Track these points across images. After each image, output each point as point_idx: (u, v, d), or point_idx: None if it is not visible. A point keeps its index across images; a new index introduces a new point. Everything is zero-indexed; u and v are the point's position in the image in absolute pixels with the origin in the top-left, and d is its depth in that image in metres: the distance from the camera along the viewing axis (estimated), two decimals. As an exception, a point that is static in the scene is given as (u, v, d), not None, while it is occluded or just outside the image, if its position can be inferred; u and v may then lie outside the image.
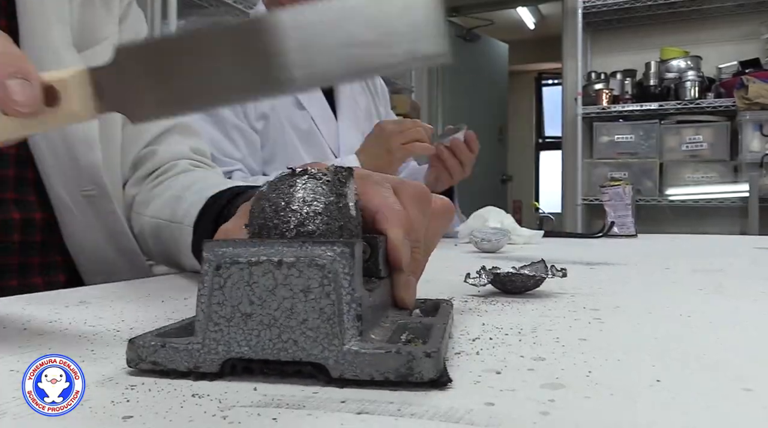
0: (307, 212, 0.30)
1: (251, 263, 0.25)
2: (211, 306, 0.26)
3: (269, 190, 0.31)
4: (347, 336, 0.25)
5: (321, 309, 0.25)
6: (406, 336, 0.29)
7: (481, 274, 0.49)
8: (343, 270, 0.25)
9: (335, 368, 0.25)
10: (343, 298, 0.25)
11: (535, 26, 6.15)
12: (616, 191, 1.40)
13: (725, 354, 0.31)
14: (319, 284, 0.25)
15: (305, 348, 0.25)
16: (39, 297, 0.49)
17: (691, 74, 3.39)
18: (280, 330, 0.25)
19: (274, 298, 0.25)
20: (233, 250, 0.26)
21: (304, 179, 0.31)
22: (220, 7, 2.53)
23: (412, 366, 0.24)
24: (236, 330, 0.25)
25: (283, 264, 0.25)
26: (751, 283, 0.61)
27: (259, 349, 0.25)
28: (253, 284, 0.25)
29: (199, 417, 0.22)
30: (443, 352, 0.26)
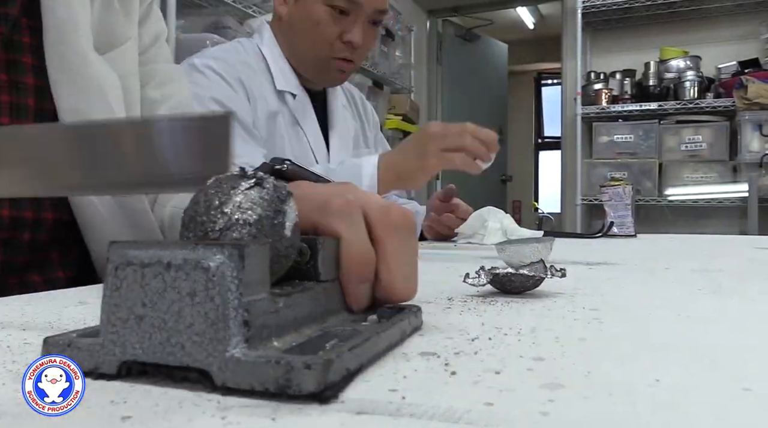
0: (237, 218, 0.29)
1: (143, 264, 0.25)
2: (111, 307, 0.26)
3: (212, 184, 0.30)
4: (232, 343, 0.24)
5: (206, 314, 0.24)
6: (332, 343, 0.27)
7: (480, 274, 0.49)
8: (230, 274, 0.24)
9: (218, 375, 0.24)
10: (229, 303, 0.24)
11: (534, 26, 6.15)
12: (615, 191, 1.40)
13: (725, 354, 0.31)
14: (203, 288, 0.24)
15: (191, 353, 0.24)
16: (38, 297, 0.49)
17: (691, 74, 3.40)
18: (169, 334, 0.25)
19: (164, 301, 0.25)
20: (133, 252, 0.26)
21: (249, 184, 0.30)
22: (219, 7, 2.53)
23: (290, 377, 0.23)
24: (131, 332, 0.25)
25: (171, 267, 0.25)
26: (750, 283, 0.61)
27: (151, 352, 0.25)
28: (146, 285, 0.25)
29: (198, 418, 0.22)
30: (345, 363, 0.25)
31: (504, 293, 0.50)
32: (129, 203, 0.66)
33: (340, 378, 0.24)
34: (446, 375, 0.26)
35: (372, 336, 0.28)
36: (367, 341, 0.27)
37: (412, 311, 0.35)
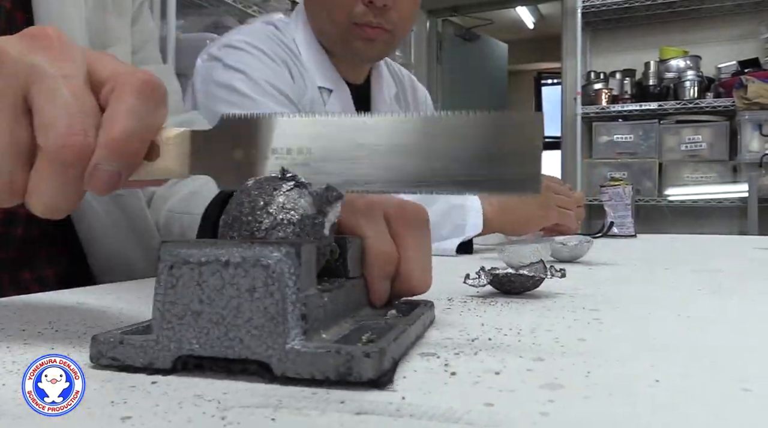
0: (282, 218, 0.30)
1: (200, 263, 0.26)
2: (165, 305, 0.27)
3: (254, 186, 0.32)
4: (291, 335, 0.25)
5: (265, 308, 0.26)
6: (368, 336, 0.29)
7: (481, 275, 0.50)
8: (288, 270, 0.26)
9: (278, 366, 0.25)
10: (288, 298, 0.26)
11: (534, 26, 6.15)
12: (615, 191, 1.40)
13: (724, 354, 0.31)
14: (263, 284, 0.26)
15: (250, 347, 0.26)
16: (38, 298, 0.49)
17: (691, 74, 3.40)
18: (227, 329, 0.26)
19: (221, 297, 0.26)
20: (186, 251, 0.27)
21: (290, 185, 0.31)
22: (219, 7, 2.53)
23: (351, 365, 0.24)
24: (187, 328, 0.26)
25: (230, 264, 0.26)
26: (750, 283, 0.61)
27: (208, 347, 0.26)
28: (203, 283, 0.26)
29: (198, 418, 0.22)
30: (392, 352, 0.26)
31: (504, 293, 0.50)
32: (127, 203, 0.66)
33: (390, 366, 0.26)
34: (446, 376, 0.26)
35: (406, 328, 0.30)
36: (405, 332, 0.30)
37: (427, 305, 0.37)
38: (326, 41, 1.11)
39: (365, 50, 1.08)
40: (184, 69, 2.11)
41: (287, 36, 1.12)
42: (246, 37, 1.07)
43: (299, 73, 1.09)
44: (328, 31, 1.09)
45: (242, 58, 1.03)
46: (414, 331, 0.32)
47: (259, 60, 1.04)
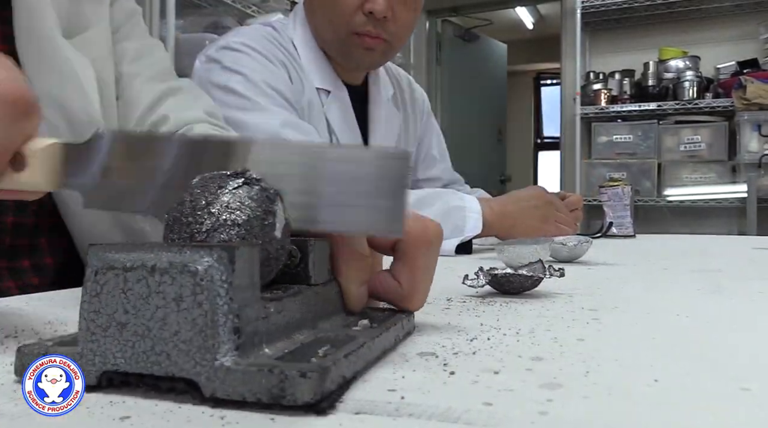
0: (226, 219, 0.28)
1: (125, 268, 0.24)
2: (90, 314, 0.24)
3: (198, 183, 0.29)
4: (222, 351, 0.23)
5: (193, 320, 0.23)
6: (325, 349, 0.26)
7: (479, 275, 0.50)
8: (219, 278, 0.23)
9: (207, 386, 0.22)
10: (219, 309, 0.23)
11: (533, 26, 6.15)
12: (614, 192, 1.40)
13: (723, 354, 0.31)
14: (191, 293, 0.23)
15: (177, 363, 0.23)
16: (37, 297, 0.49)
17: (690, 74, 3.39)
18: (153, 342, 0.23)
19: (147, 307, 0.23)
20: (112, 255, 0.24)
21: (237, 183, 0.29)
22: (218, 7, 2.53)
23: (284, 386, 0.22)
24: (112, 341, 0.24)
25: (156, 270, 0.23)
26: (749, 283, 0.61)
27: (134, 362, 0.23)
28: (128, 291, 0.23)
29: (197, 418, 0.22)
30: (341, 370, 0.24)
31: (503, 293, 0.50)
32: None
33: (336, 387, 0.23)
34: (445, 375, 0.27)
35: (367, 341, 0.27)
36: (363, 347, 0.26)
37: (404, 314, 0.34)
38: (325, 46, 1.12)
39: (363, 59, 1.10)
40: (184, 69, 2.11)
41: (285, 37, 1.12)
42: (244, 38, 1.07)
43: (297, 74, 1.09)
44: (328, 37, 1.09)
45: (240, 60, 1.03)
46: (380, 345, 0.29)
47: (257, 62, 1.04)
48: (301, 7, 1.16)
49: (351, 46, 1.07)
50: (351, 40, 1.06)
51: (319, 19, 1.09)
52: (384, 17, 1.04)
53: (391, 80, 1.29)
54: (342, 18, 1.05)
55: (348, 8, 1.04)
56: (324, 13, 1.08)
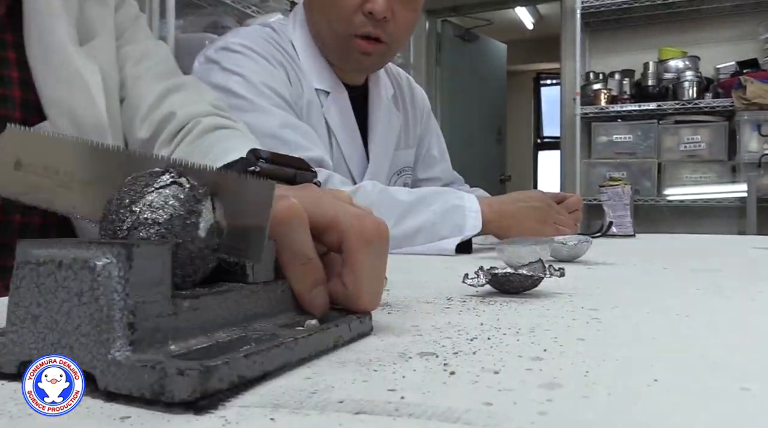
0: (146, 217, 0.28)
1: (38, 263, 0.25)
2: (11, 307, 0.25)
3: (128, 182, 0.30)
4: (116, 346, 0.23)
5: (91, 315, 0.24)
6: (247, 348, 0.26)
7: (479, 274, 0.50)
8: (117, 274, 0.24)
9: (101, 379, 0.23)
10: (115, 304, 0.24)
11: (533, 26, 6.15)
12: (614, 191, 1.40)
13: (723, 354, 0.31)
14: (89, 288, 0.24)
15: (78, 355, 0.24)
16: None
17: (690, 74, 3.40)
18: (60, 335, 0.24)
19: (56, 300, 0.24)
20: (33, 250, 0.25)
21: (164, 182, 0.29)
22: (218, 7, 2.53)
23: (164, 383, 0.22)
24: (28, 332, 0.25)
25: (63, 266, 0.24)
26: (749, 283, 0.61)
27: (45, 353, 0.24)
28: (41, 285, 0.25)
29: (197, 418, 0.22)
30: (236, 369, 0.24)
31: (503, 293, 0.50)
32: None
33: (228, 386, 0.23)
34: (445, 375, 0.27)
35: (286, 342, 0.27)
36: (277, 347, 0.26)
37: (357, 317, 0.34)
38: (324, 48, 1.12)
39: (362, 61, 1.10)
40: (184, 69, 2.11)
41: (284, 38, 1.12)
42: (243, 39, 1.07)
43: (296, 75, 1.09)
44: (327, 39, 1.09)
45: (239, 61, 1.03)
46: (309, 346, 0.29)
47: (255, 62, 1.04)
48: (301, 7, 1.15)
49: (349, 50, 1.07)
50: (350, 43, 1.06)
51: (319, 20, 1.09)
52: (384, 18, 1.04)
53: (391, 80, 1.28)
54: (341, 18, 1.05)
55: (347, 8, 1.03)
56: (323, 13, 1.07)
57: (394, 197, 0.98)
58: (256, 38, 1.08)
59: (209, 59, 1.06)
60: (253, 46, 1.06)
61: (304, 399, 0.23)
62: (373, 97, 1.20)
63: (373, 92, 1.21)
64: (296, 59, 1.11)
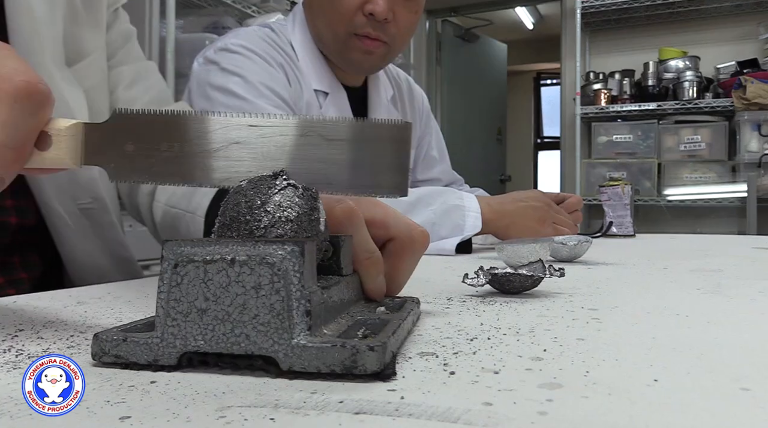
0: (280, 216, 0.31)
1: (206, 261, 0.27)
2: (170, 303, 0.27)
3: (248, 186, 0.32)
4: (296, 331, 0.26)
5: (271, 305, 0.26)
6: (363, 331, 0.30)
7: (479, 274, 0.50)
8: (293, 268, 0.26)
9: (284, 361, 0.26)
10: (293, 294, 0.26)
11: (533, 26, 6.15)
12: (614, 191, 1.40)
13: (723, 354, 0.31)
14: (269, 281, 0.26)
15: (257, 342, 0.26)
16: (37, 297, 0.49)
17: (690, 74, 3.40)
18: (233, 325, 0.26)
19: (227, 294, 0.26)
20: (190, 249, 0.27)
21: (283, 184, 0.32)
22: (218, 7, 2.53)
23: (356, 359, 0.25)
24: (192, 325, 0.27)
25: (235, 262, 0.27)
26: (749, 283, 0.61)
27: (214, 343, 0.27)
28: (208, 281, 0.27)
29: (197, 418, 0.22)
30: (391, 346, 0.27)
31: (503, 293, 0.50)
32: (95, 215, 0.68)
33: (390, 359, 0.27)
34: (445, 375, 0.27)
35: (400, 323, 0.31)
36: (399, 327, 0.30)
37: (414, 302, 0.39)
38: (324, 48, 1.11)
39: (362, 62, 1.09)
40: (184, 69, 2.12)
41: (283, 39, 1.12)
42: (242, 40, 1.07)
43: (295, 76, 1.08)
44: (327, 39, 1.09)
45: (238, 62, 1.03)
46: (406, 326, 0.33)
47: (255, 63, 1.04)
48: (300, 8, 1.15)
49: (350, 49, 1.06)
50: (350, 43, 1.06)
51: (319, 20, 1.09)
52: (384, 19, 1.03)
53: (391, 81, 1.28)
54: (342, 19, 1.04)
55: (348, 9, 1.03)
56: (323, 13, 1.07)
57: None
58: (255, 39, 1.08)
59: (208, 60, 1.06)
60: (253, 46, 1.06)
61: (304, 399, 0.23)
62: (373, 99, 1.20)
63: (372, 93, 1.20)
64: (295, 60, 1.10)
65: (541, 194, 1.09)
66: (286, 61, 1.08)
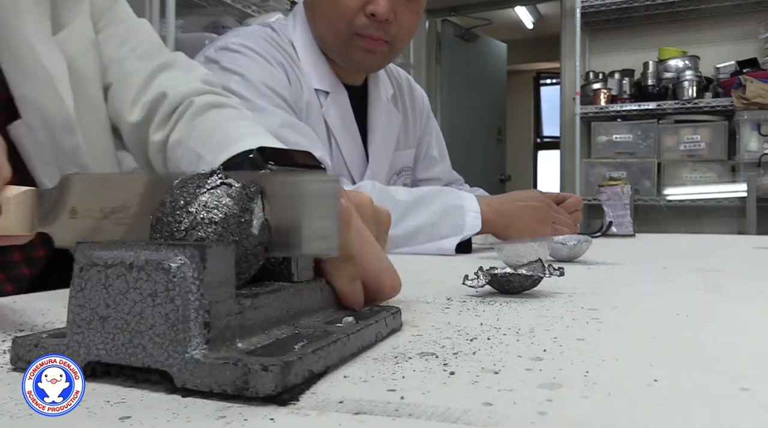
0: (203, 217, 0.29)
1: (107, 265, 0.25)
2: (75, 308, 0.26)
3: (178, 185, 0.31)
4: (192, 344, 0.24)
5: (166, 315, 0.24)
6: (301, 345, 0.27)
7: (479, 275, 0.50)
8: (191, 275, 0.24)
9: (179, 377, 0.24)
10: (190, 304, 0.24)
11: (533, 26, 6.15)
12: (614, 191, 1.40)
13: (723, 354, 0.31)
14: (164, 289, 0.24)
15: (152, 355, 0.24)
16: (37, 297, 0.49)
17: (689, 74, 3.40)
18: (131, 335, 0.25)
19: (126, 302, 0.25)
20: (96, 252, 0.26)
21: (215, 183, 0.30)
22: (218, 7, 2.53)
23: (248, 379, 0.23)
24: (95, 333, 0.25)
25: (133, 267, 0.25)
26: (748, 283, 0.61)
27: (114, 353, 0.25)
28: (109, 286, 0.25)
29: (197, 418, 0.22)
30: (307, 365, 0.25)
31: (502, 293, 0.50)
32: None
33: (301, 381, 0.24)
34: (445, 375, 0.27)
35: (341, 338, 0.28)
36: (335, 343, 0.27)
37: (390, 312, 0.35)
38: (325, 48, 1.11)
39: (364, 61, 1.09)
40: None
41: (284, 38, 1.12)
42: (242, 39, 1.07)
43: (296, 75, 1.08)
44: (328, 39, 1.09)
45: (238, 61, 1.03)
46: (356, 341, 0.30)
47: (255, 62, 1.04)
48: (301, 7, 1.15)
49: (352, 48, 1.06)
50: (352, 42, 1.06)
51: (320, 20, 1.09)
52: (386, 19, 1.03)
53: (391, 81, 1.28)
54: (343, 19, 1.04)
55: (349, 9, 1.03)
56: (324, 13, 1.07)
57: (393, 197, 0.98)
58: (255, 38, 1.08)
59: (209, 59, 1.06)
60: (253, 46, 1.06)
61: (305, 399, 0.23)
62: (373, 98, 1.20)
63: (372, 92, 1.20)
64: (296, 59, 1.10)
65: (541, 194, 1.09)
66: (287, 61, 1.08)
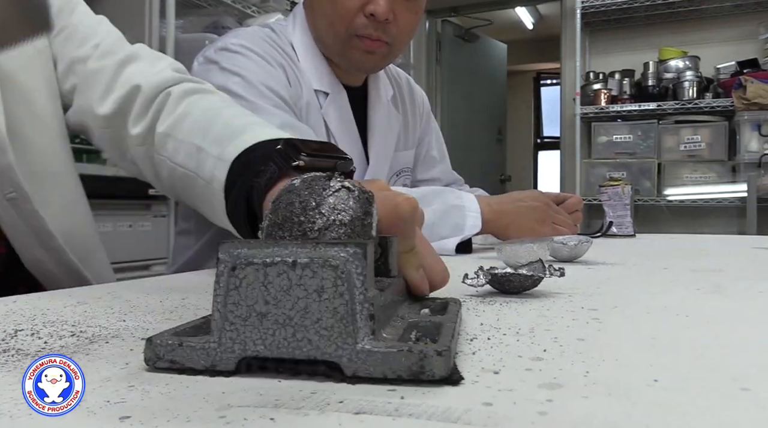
0: (334, 219, 0.31)
1: (266, 264, 0.26)
2: (227, 306, 0.26)
3: (302, 186, 0.32)
4: (360, 335, 0.25)
5: (335, 309, 0.25)
6: (415, 334, 0.29)
7: (479, 274, 0.50)
8: (356, 271, 0.26)
9: (349, 366, 0.25)
10: (356, 298, 0.26)
11: (533, 26, 6.15)
12: (614, 191, 1.40)
13: (723, 354, 0.31)
14: (332, 285, 0.26)
15: (319, 347, 0.25)
16: (36, 298, 0.49)
17: (690, 74, 3.40)
18: (294, 329, 0.26)
19: (288, 298, 0.26)
20: (248, 251, 0.26)
21: (338, 186, 0.32)
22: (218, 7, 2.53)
23: (424, 364, 0.25)
24: (252, 329, 0.26)
25: (297, 265, 0.26)
26: (749, 283, 0.61)
27: (274, 348, 0.26)
28: (268, 284, 0.26)
29: (197, 418, 0.22)
30: (453, 350, 0.27)
31: (503, 293, 0.50)
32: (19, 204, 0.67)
33: (453, 363, 0.26)
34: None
35: (454, 326, 0.31)
36: (454, 330, 0.30)
37: (457, 303, 0.38)
38: (325, 49, 1.11)
39: (363, 62, 1.09)
40: (184, 69, 2.11)
41: (283, 39, 1.11)
42: (242, 40, 1.06)
43: (295, 76, 1.08)
44: (328, 40, 1.09)
45: (238, 61, 1.03)
46: (458, 328, 0.33)
47: (255, 63, 1.03)
48: (301, 8, 1.15)
49: (351, 49, 1.06)
50: (351, 43, 1.05)
51: (319, 21, 1.09)
52: (385, 20, 1.03)
53: (391, 81, 1.28)
54: (342, 20, 1.04)
55: (349, 10, 1.03)
56: (324, 14, 1.07)
57: None
58: (255, 39, 1.08)
59: (208, 60, 1.06)
60: (253, 46, 1.05)
61: (304, 399, 0.23)
62: (373, 98, 1.20)
63: (372, 93, 1.20)
64: (295, 60, 1.10)
65: (541, 194, 1.09)
66: (287, 61, 1.08)
